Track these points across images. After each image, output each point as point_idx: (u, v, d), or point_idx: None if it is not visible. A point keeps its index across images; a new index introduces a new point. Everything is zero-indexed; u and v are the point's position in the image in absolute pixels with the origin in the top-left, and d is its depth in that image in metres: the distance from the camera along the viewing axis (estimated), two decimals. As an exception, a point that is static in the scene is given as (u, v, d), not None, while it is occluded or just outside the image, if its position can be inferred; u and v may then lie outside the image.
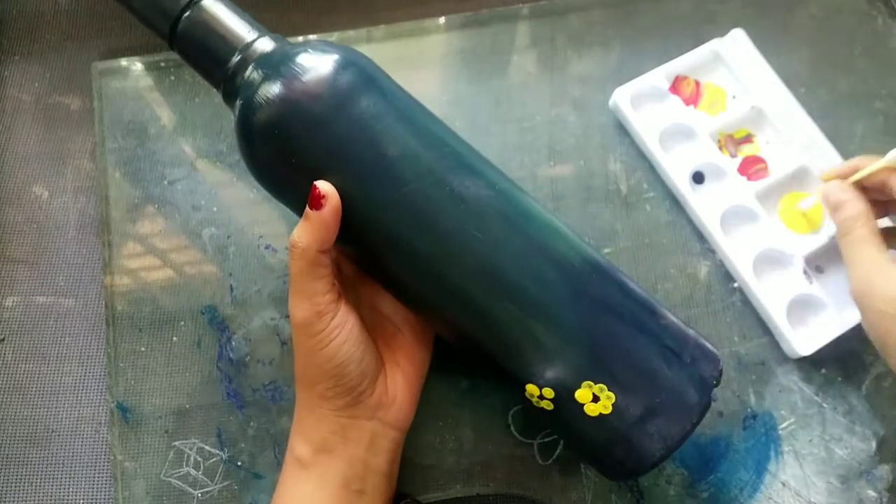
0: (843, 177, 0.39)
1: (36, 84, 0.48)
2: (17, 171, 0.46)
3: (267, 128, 0.31)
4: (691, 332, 0.32)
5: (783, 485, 0.38)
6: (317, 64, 0.31)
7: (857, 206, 0.37)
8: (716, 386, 0.32)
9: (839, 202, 0.38)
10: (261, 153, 0.33)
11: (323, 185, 0.30)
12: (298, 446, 0.34)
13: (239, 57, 0.33)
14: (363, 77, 0.32)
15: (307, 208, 0.30)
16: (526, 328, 0.31)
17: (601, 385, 0.30)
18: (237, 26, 0.34)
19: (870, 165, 0.37)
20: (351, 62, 0.32)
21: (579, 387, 0.30)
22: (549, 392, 0.31)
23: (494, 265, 0.31)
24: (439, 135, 0.33)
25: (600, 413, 0.30)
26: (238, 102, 0.33)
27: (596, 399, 0.30)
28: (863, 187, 0.38)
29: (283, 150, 0.31)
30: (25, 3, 0.50)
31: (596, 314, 0.31)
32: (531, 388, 0.31)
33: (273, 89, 0.31)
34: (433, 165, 0.31)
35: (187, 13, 0.34)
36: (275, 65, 0.32)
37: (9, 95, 0.48)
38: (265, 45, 0.33)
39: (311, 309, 0.31)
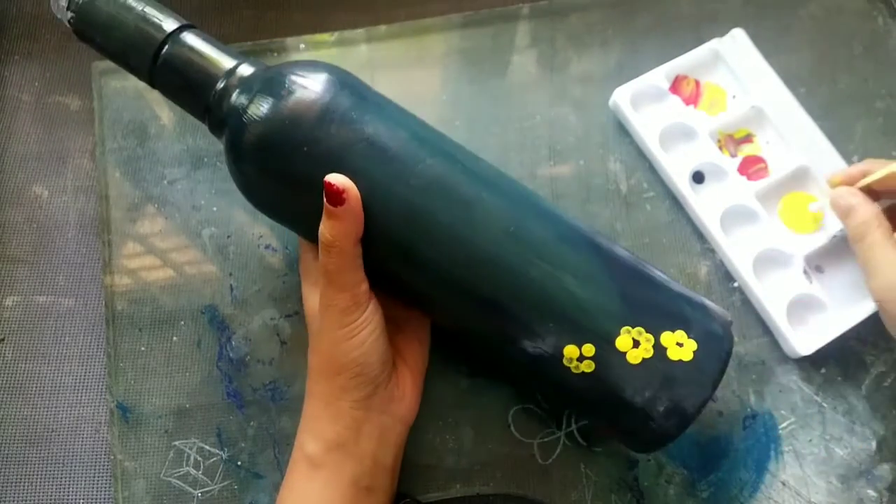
0: (852, 181, 0.39)
1: (36, 84, 0.48)
2: (17, 170, 0.46)
3: (263, 143, 0.32)
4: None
5: (783, 484, 0.39)
6: (305, 77, 0.32)
7: (868, 210, 0.37)
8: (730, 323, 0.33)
9: (849, 207, 0.37)
10: (256, 171, 0.33)
11: (337, 178, 0.30)
12: (309, 443, 0.34)
13: (223, 83, 0.33)
14: (353, 85, 0.33)
15: (328, 206, 0.30)
16: (559, 282, 0.31)
17: (639, 328, 0.31)
18: (217, 55, 0.34)
19: (879, 170, 0.37)
20: (337, 72, 0.33)
21: (618, 334, 0.30)
22: (589, 349, 0.31)
23: (518, 225, 0.32)
24: (432, 127, 0.34)
25: (643, 358, 0.30)
26: (227, 128, 0.33)
27: (636, 344, 0.30)
28: (872, 191, 0.38)
29: (281, 162, 0.32)
30: (25, 3, 0.50)
31: (615, 264, 0.32)
32: (570, 351, 0.31)
33: (264, 106, 0.31)
34: (441, 145, 0.33)
35: (165, 48, 0.34)
36: (262, 84, 0.32)
37: (9, 95, 0.48)
38: (246, 69, 0.34)
39: (351, 299, 0.32)
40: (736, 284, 0.43)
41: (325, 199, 0.30)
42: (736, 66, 0.47)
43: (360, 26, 0.49)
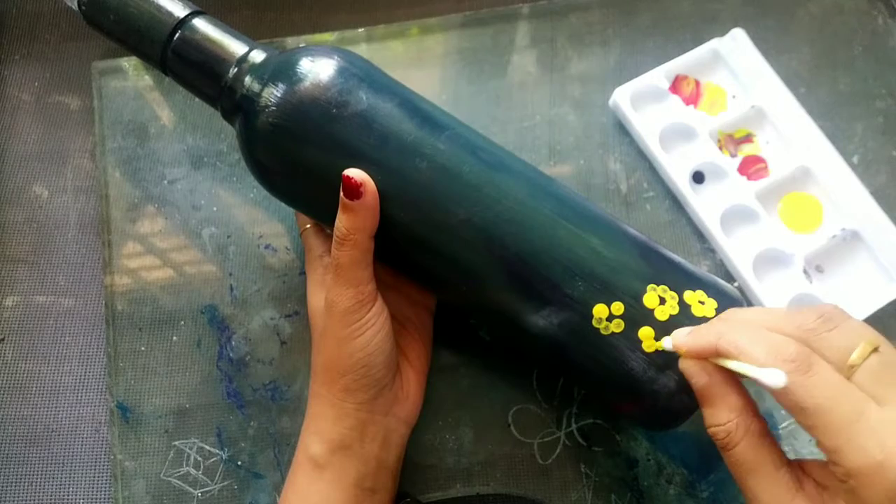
0: (703, 354, 0.28)
1: (36, 84, 0.48)
2: (17, 170, 0.46)
3: (276, 129, 0.32)
4: None
5: (783, 484, 0.38)
6: (318, 62, 0.32)
7: (735, 401, 0.27)
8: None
9: (711, 396, 0.27)
10: (269, 157, 0.33)
11: (356, 173, 0.30)
12: (313, 445, 0.34)
13: (235, 69, 0.34)
14: (366, 69, 0.33)
15: (345, 199, 0.30)
16: (585, 242, 0.32)
17: (663, 286, 0.31)
18: (229, 41, 0.34)
19: (743, 364, 0.26)
20: (349, 57, 0.33)
21: (645, 291, 0.31)
22: (618, 307, 0.31)
23: (541, 190, 0.33)
24: (447, 112, 0.35)
25: (670, 315, 0.31)
26: (240, 114, 0.33)
27: (662, 301, 0.31)
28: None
29: (295, 148, 0.32)
30: (25, 3, 0.50)
31: (630, 233, 0.33)
32: (600, 311, 0.31)
33: (277, 92, 0.31)
34: (454, 123, 0.34)
35: (178, 33, 0.34)
36: (275, 69, 0.32)
37: (9, 95, 0.48)
38: (259, 55, 0.34)
39: (356, 297, 0.32)
40: (736, 284, 0.42)
41: (342, 193, 0.30)
42: (736, 66, 0.47)
43: (360, 26, 0.49)
